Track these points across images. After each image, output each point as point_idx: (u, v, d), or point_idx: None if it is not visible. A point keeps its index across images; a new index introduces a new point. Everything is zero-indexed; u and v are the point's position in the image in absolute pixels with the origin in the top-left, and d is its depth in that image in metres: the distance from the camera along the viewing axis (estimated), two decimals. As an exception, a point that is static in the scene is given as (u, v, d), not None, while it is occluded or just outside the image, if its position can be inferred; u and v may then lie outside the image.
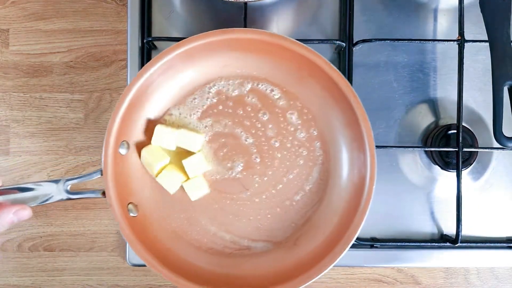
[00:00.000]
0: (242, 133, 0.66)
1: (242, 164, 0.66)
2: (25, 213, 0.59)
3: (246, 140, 0.66)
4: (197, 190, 0.65)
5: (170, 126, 0.64)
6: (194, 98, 0.66)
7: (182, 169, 0.65)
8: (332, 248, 0.61)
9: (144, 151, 0.64)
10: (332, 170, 0.66)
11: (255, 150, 0.66)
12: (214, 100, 0.66)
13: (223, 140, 0.66)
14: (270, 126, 0.66)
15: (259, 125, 0.66)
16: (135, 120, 0.64)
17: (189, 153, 0.65)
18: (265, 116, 0.66)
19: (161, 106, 0.66)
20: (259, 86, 0.66)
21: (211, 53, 0.64)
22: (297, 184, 0.66)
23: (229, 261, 0.65)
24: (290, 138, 0.66)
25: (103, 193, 0.61)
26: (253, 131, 0.66)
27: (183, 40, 0.61)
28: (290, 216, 0.66)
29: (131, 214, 0.63)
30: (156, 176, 0.64)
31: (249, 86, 0.66)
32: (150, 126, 0.65)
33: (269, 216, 0.66)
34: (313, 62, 0.62)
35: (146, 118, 0.65)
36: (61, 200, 0.61)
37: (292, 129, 0.66)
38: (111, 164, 0.61)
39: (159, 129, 0.64)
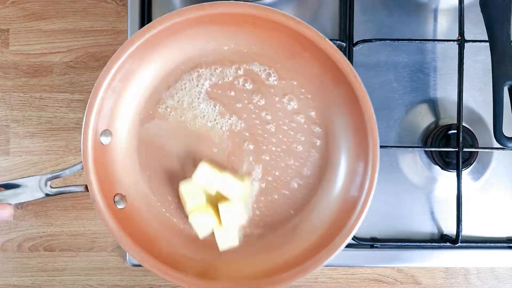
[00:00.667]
0: (234, 117, 0.63)
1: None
2: (5, 212, 0.57)
3: (238, 125, 0.63)
4: (228, 241, 0.60)
5: (214, 168, 0.60)
6: (183, 82, 0.63)
7: (217, 209, 0.60)
8: (335, 237, 0.58)
9: (182, 186, 0.60)
10: (331, 156, 0.62)
11: (247, 134, 0.63)
12: (207, 84, 0.62)
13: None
14: (264, 108, 0.62)
15: (252, 107, 0.62)
16: (117, 108, 0.61)
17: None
18: (258, 98, 0.62)
19: (145, 89, 0.63)
20: (251, 66, 0.62)
21: (192, 30, 0.60)
22: (295, 170, 0.63)
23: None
24: (287, 121, 0.62)
25: (86, 187, 0.58)
26: (245, 116, 0.62)
27: (159, 18, 0.58)
28: (288, 202, 0.63)
29: (119, 206, 0.60)
30: (188, 214, 0.60)
31: (241, 66, 0.62)
32: (137, 112, 0.62)
33: (266, 203, 0.63)
34: (303, 35, 0.57)
35: (130, 103, 0.62)
36: (43, 197, 0.59)
37: (289, 108, 0.62)
38: (92, 156, 0.58)
39: (202, 167, 0.59)
